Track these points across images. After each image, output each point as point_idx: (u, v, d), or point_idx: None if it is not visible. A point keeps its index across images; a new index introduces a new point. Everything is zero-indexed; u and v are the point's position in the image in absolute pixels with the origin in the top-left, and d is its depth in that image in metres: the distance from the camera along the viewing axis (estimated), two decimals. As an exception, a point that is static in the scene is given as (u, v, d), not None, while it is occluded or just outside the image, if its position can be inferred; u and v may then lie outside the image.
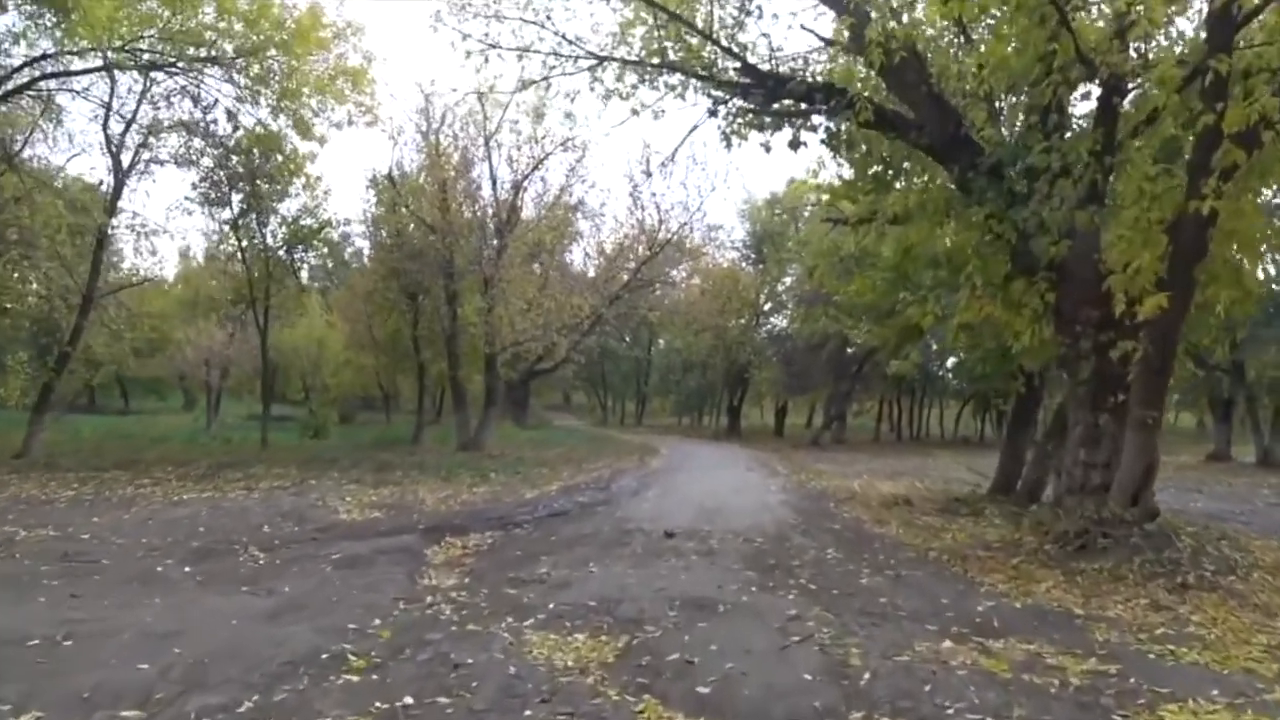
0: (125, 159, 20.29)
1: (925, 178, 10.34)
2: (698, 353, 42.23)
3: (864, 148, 10.14)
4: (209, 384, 34.58)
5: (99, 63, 17.38)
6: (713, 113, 11.02)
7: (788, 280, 41.09)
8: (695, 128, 11.22)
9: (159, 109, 19.86)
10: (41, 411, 19.03)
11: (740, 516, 11.99)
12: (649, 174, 25.45)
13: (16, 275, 19.09)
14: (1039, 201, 8.46)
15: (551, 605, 6.51)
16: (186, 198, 23.30)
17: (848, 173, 12.21)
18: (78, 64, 17.31)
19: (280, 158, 20.45)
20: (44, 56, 16.69)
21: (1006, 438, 14.81)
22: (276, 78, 17.63)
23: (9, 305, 19.77)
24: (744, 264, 43.32)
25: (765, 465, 23.06)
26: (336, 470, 17.01)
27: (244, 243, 24.18)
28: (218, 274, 29.45)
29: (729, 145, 10.98)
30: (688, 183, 33.33)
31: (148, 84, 19.24)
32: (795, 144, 10.02)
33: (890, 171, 10.54)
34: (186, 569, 7.36)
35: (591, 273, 28.14)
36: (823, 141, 10.21)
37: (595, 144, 46.70)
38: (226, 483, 14.35)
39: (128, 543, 8.44)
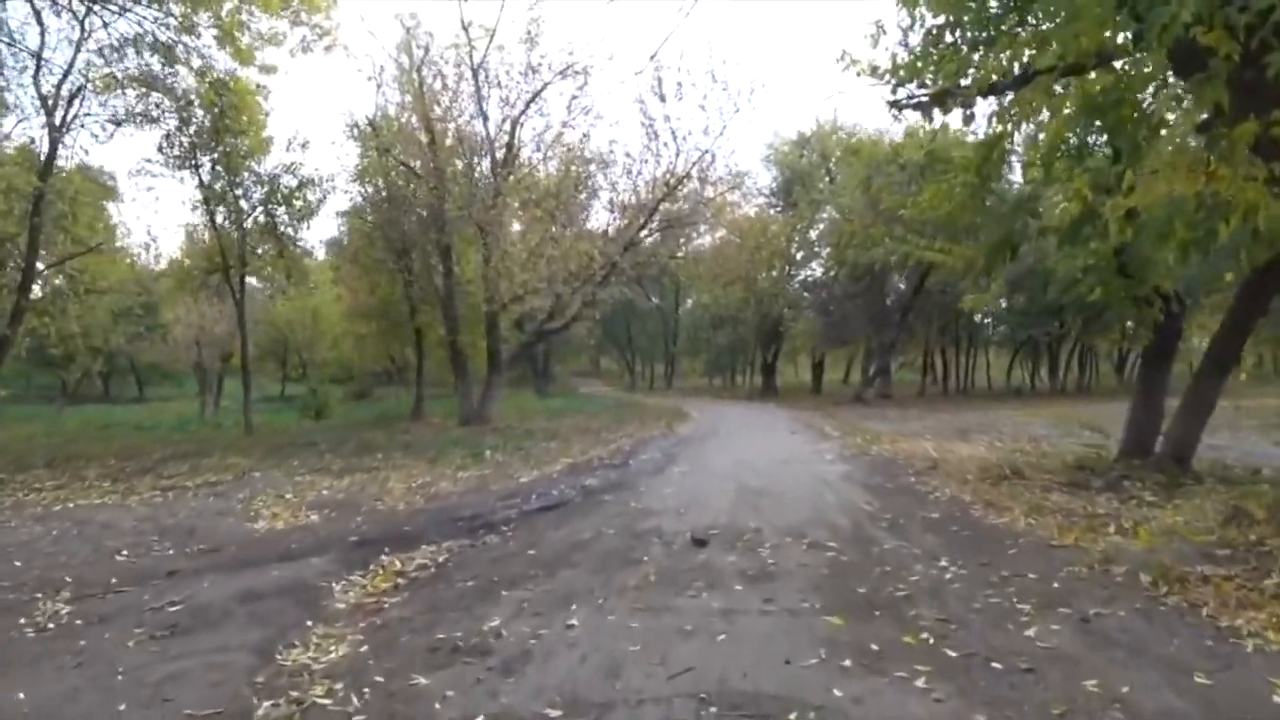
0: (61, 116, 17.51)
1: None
2: (727, 307, 38.87)
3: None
4: (202, 365, 32.16)
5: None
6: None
7: (821, 225, 37.47)
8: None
9: (109, 63, 17.07)
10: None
11: (795, 501, 8.93)
12: (661, 94, 21.58)
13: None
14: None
15: (480, 718, 3.54)
16: (147, 159, 20.99)
17: (916, 39, 8.98)
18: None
19: (222, 95, 17.50)
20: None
21: (1141, 383, 11.43)
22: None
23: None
24: (772, 210, 39.68)
25: (810, 426, 19.91)
26: (302, 457, 14.19)
27: (216, 206, 21.63)
28: (190, 243, 26.63)
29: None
30: (707, 105, 29.17)
31: (84, 33, 16.39)
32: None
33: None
34: (-102, 653, 4.49)
35: (604, 225, 24.73)
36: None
37: (599, 69, 42.56)
38: (158, 479, 11.70)
39: None
